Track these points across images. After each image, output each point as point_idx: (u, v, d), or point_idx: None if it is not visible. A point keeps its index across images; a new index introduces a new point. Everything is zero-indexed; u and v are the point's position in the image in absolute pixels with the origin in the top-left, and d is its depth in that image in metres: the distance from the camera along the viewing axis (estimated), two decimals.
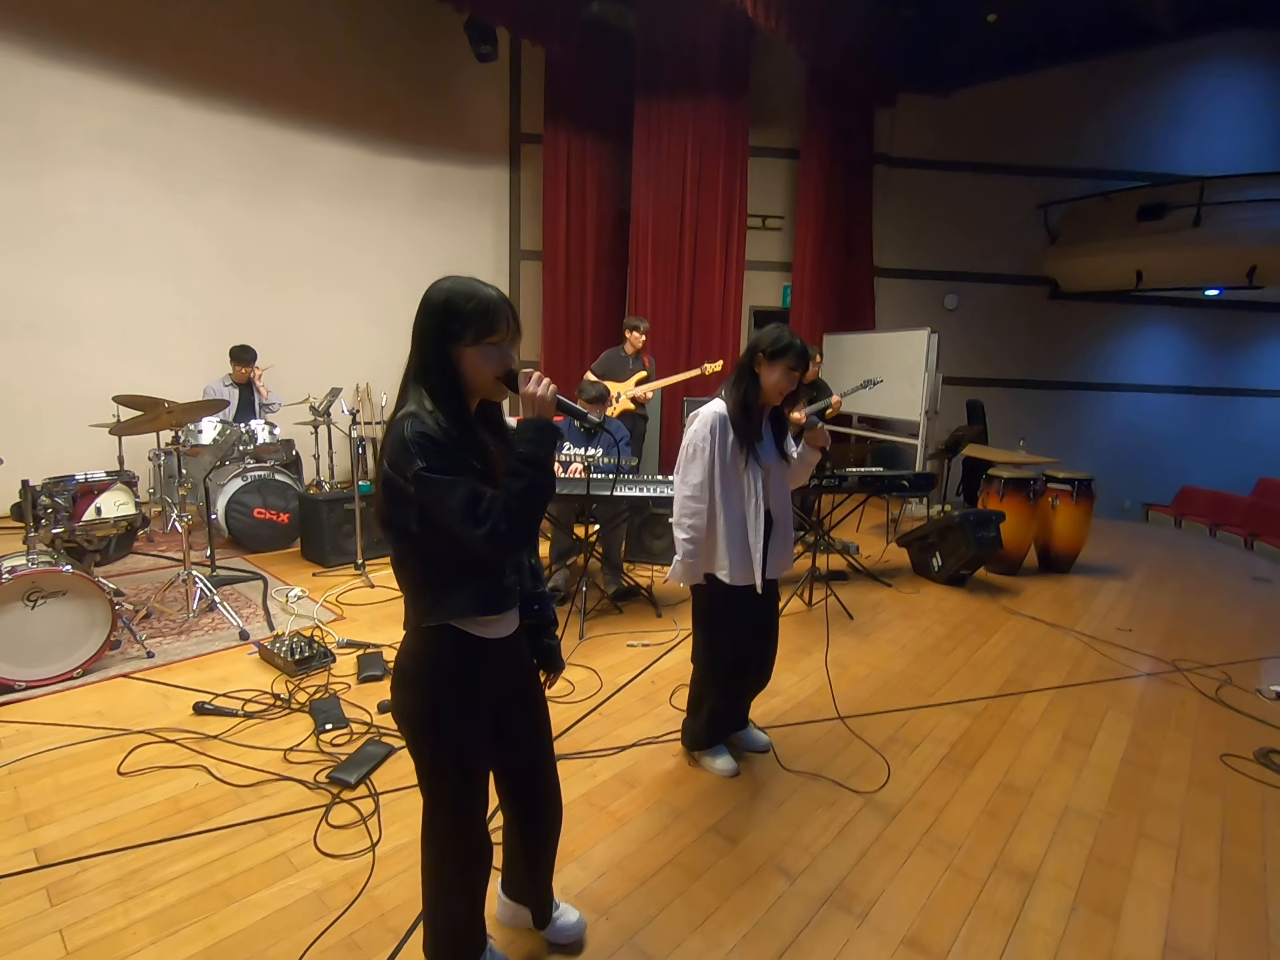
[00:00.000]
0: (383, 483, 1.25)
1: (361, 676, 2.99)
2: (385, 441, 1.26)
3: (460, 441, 1.23)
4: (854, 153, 7.66)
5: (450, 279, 1.31)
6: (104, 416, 4.63)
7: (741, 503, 2.22)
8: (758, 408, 2.22)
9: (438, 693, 1.33)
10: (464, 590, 1.29)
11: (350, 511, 4.49)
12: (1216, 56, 8.01)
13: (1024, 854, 2.09)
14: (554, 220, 7.41)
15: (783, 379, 2.14)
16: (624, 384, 5.27)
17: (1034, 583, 4.83)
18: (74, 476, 3.31)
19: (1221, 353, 8.75)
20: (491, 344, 1.27)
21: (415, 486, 1.20)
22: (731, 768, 2.43)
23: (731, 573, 2.21)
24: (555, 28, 6.44)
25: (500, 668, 1.40)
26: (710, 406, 2.24)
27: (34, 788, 2.21)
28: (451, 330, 1.25)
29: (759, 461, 2.21)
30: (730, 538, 2.20)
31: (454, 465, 1.20)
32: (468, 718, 1.35)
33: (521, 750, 1.52)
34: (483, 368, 1.27)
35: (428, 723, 1.34)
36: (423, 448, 1.18)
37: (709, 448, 2.18)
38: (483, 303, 1.26)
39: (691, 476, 2.20)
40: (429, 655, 1.33)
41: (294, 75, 6.40)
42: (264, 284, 6.47)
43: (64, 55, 5.32)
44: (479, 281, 1.30)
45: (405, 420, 1.21)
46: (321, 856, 1.95)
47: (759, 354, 2.16)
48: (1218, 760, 2.65)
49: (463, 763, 1.37)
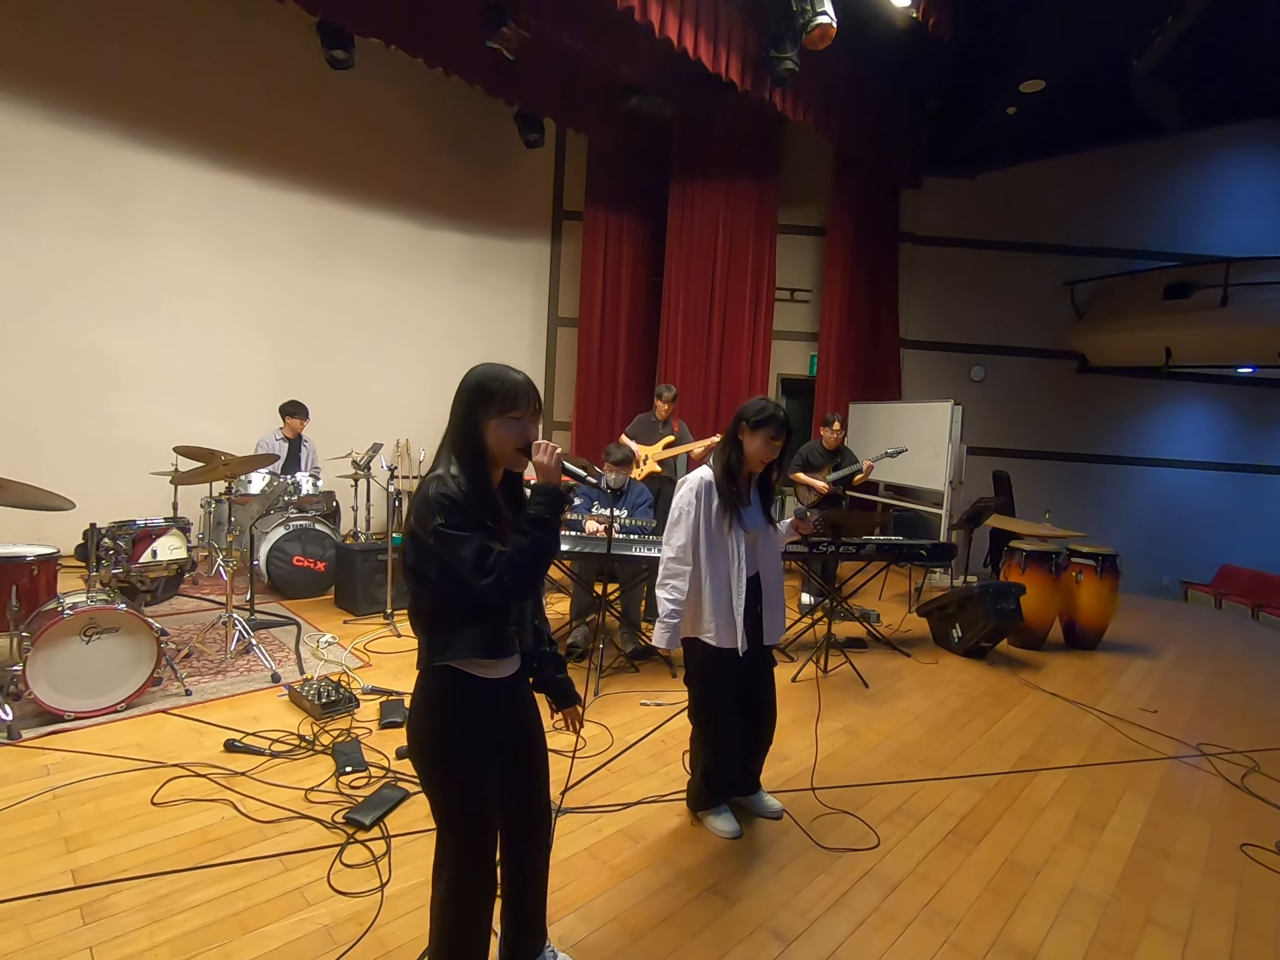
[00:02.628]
0: (409, 535, 1.45)
1: (383, 722, 3.11)
2: (414, 499, 1.46)
3: (477, 503, 1.41)
4: (880, 231, 7.99)
5: (484, 365, 1.52)
6: (164, 465, 4.97)
7: (727, 566, 2.31)
8: (742, 474, 2.34)
9: (446, 727, 1.48)
10: (471, 634, 1.46)
11: (383, 562, 4.69)
12: (1237, 143, 8.21)
13: (1025, 933, 2.08)
14: (590, 291, 7.83)
15: (764, 447, 2.26)
16: (652, 448, 5.47)
17: (1057, 658, 4.76)
18: (135, 521, 3.58)
19: (1258, 430, 8.63)
20: (513, 418, 1.46)
21: (434, 540, 1.38)
22: (733, 828, 2.46)
23: (718, 635, 2.30)
24: (597, 118, 6.99)
25: (501, 706, 1.55)
26: (697, 473, 2.37)
27: (76, 813, 2.36)
28: (480, 405, 1.46)
29: (743, 526, 2.30)
30: (715, 601, 2.30)
31: (468, 523, 1.38)
32: (473, 749, 1.49)
33: (517, 786, 1.62)
34: (504, 439, 1.47)
35: (437, 754, 1.48)
36: (443, 507, 1.37)
37: (693, 512, 2.30)
38: (508, 383, 1.47)
39: (675, 539, 2.31)
40: (438, 693, 1.49)
41: (355, 157, 7.03)
42: (317, 347, 6.94)
43: (154, 142, 5.95)
44: (510, 368, 1.51)
45: (431, 482, 1.42)
46: (333, 893, 2.04)
47: (743, 422, 2.29)
48: (1237, 849, 2.59)
49: (470, 793, 1.49)
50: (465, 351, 7.68)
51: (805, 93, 6.26)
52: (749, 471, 2.35)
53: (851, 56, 6.39)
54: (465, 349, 7.69)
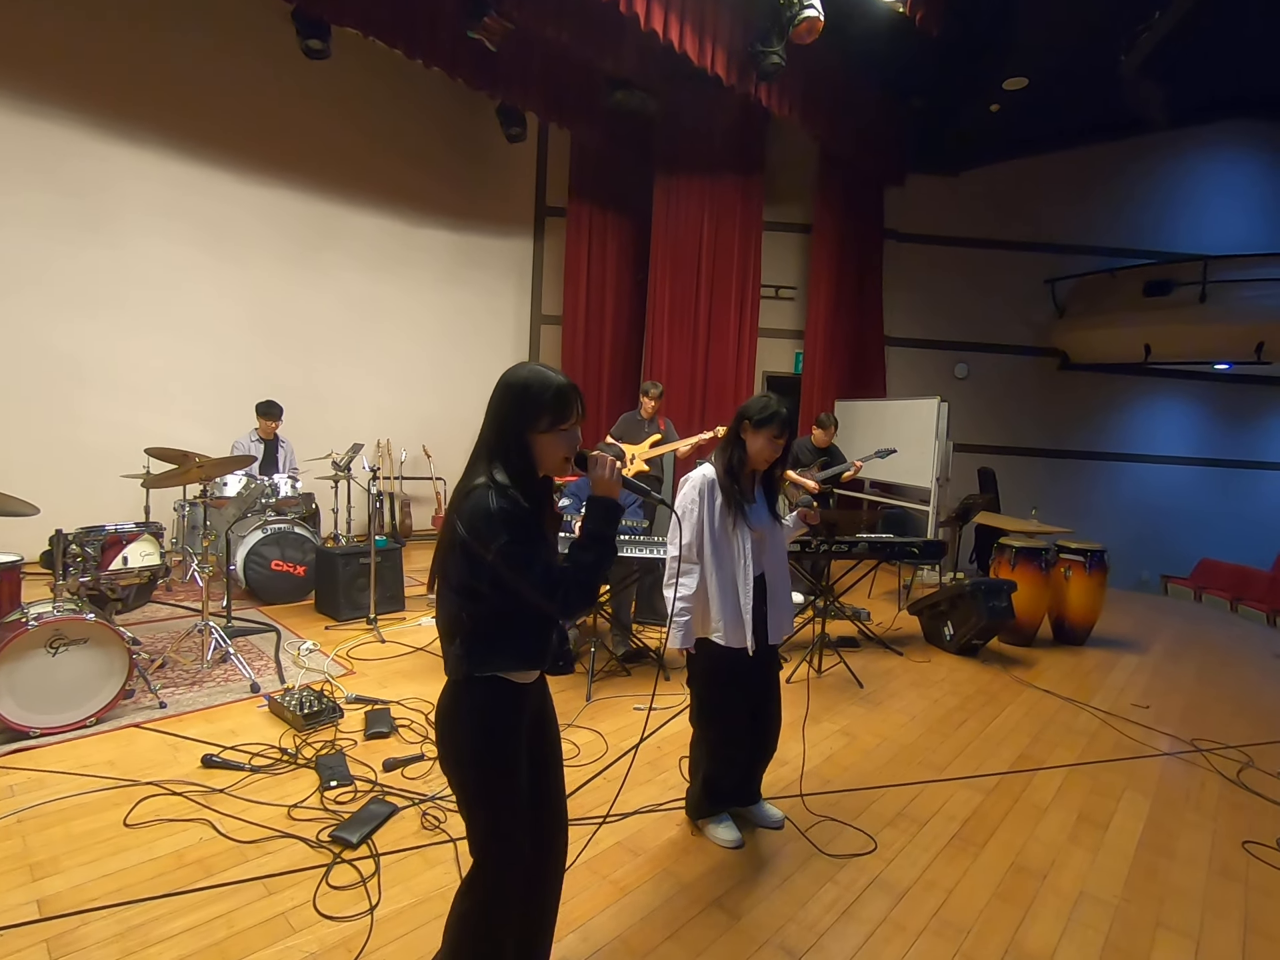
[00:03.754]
0: (459, 546, 1.34)
1: (368, 733, 3.00)
2: (462, 507, 1.34)
3: (532, 514, 1.35)
4: (865, 228, 7.97)
5: (525, 367, 1.43)
6: (135, 468, 4.79)
7: (732, 565, 2.27)
8: (745, 472, 2.29)
9: (489, 739, 1.42)
10: (516, 646, 1.42)
11: (365, 565, 4.56)
12: (1216, 142, 8.32)
13: (1036, 941, 2.03)
14: (574, 288, 7.72)
15: (766, 446, 2.22)
16: (639, 447, 5.38)
17: (1048, 654, 4.76)
18: (104, 527, 3.42)
19: (1235, 426, 8.76)
20: (563, 430, 1.40)
21: (498, 557, 1.30)
22: (734, 838, 2.39)
23: (726, 635, 2.25)
24: (581, 112, 6.88)
25: (531, 710, 1.51)
26: (700, 470, 2.32)
27: (42, 837, 2.22)
28: (530, 415, 1.38)
29: (748, 524, 2.26)
30: (722, 600, 2.25)
31: (530, 537, 1.33)
32: (510, 759, 1.44)
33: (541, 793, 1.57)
34: (554, 451, 1.41)
35: (482, 767, 1.42)
36: (508, 524, 1.29)
37: (697, 510, 2.25)
38: (559, 392, 1.39)
39: (683, 536, 2.26)
40: (483, 705, 1.42)
41: (336, 150, 6.87)
42: (297, 344, 6.76)
43: (130, 134, 5.75)
44: (549, 368, 1.43)
45: (485, 492, 1.31)
46: (320, 918, 1.94)
47: (745, 421, 2.24)
48: (1239, 847, 2.57)
49: (512, 807, 1.44)
50: (448, 350, 7.55)
51: (791, 89, 6.21)
52: (752, 470, 2.30)
53: (837, 53, 6.36)
54: (448, 347, 7.56)
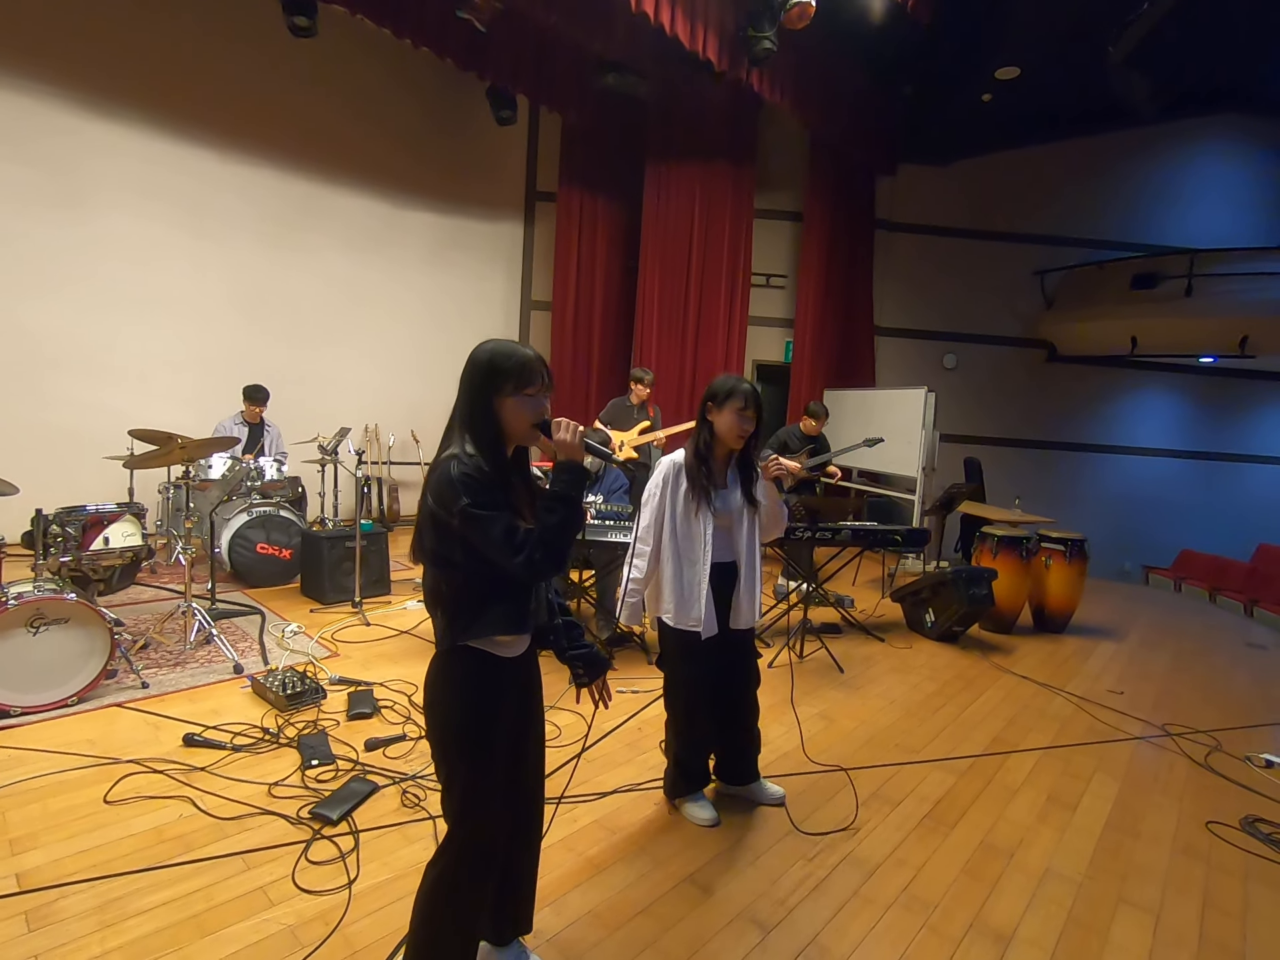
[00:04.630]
0: (430, 517, 1.39)
1: (351, 713, 3.02)
2: (430, 479, 1.40)
3: (497, 481, 1.38)
4: (855, 217, 7.97)
5: (493, 341, 1.48)
6: (119, 450, 4.77)
7: (691, 549, 2.32)
8: (716, 455, 2.32)
9: (470, 708, 1.45)
10: (493, 612, 1.43)
11: (351, 549, 4.56)
12: (1202, 136, 8.35)
13: (1001, 915, 2.08)
14: (564, 273, 7.69)
15: (734, 420, 2.24)
16: (628, 433, 5.40)
17: (1027, 642, 4.83)
18: (85, 507, 3.42)
19: (1219, 419, 8.85)
20: (528, 395, 1.43)
21: (460, 521, 1.34)
22: (711, 816, 2.43)
23: (675, 616, 2.31)
24: (572, 96, 6.83)
25: (516, 684, 1.54)
26: (669, 457, 2.38)
27: (21, 813, 2.24)
28: (494, 383, 1.41)
29: (712, 510, 2.29)
30: (675, 583, 2.31)
31: (493, 501, 1.35)
32: (493, 734, 1.47)
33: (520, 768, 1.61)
34: (519, 416, 1.43)
35: (461, 736, 1.45)
36: (468, 486, 1.33)
37: (659, 494, 2.34)
38: (521, 360, 1.43)
39: (641, 520, 2.36)
40: (463, 674, 1.46)
41: (322, 129, 6.78)
42: (281, 326, 6.71)
43: (107, 110, 5.66)
44: (517, 343, 1.48)
45: (449, 462, 1.36)
46: (298, 892, 1.96)
47: (709, 402, 2.30)
48: (1203, 827, 2.63)
49: (488, 778, 1.47)
50: (436, 334, 7.50)
51: (782, 75, 6.19)
52: (729, 450, 2.33)
53: (829, 39, 6.34)
54: (436, 331, 7.51)
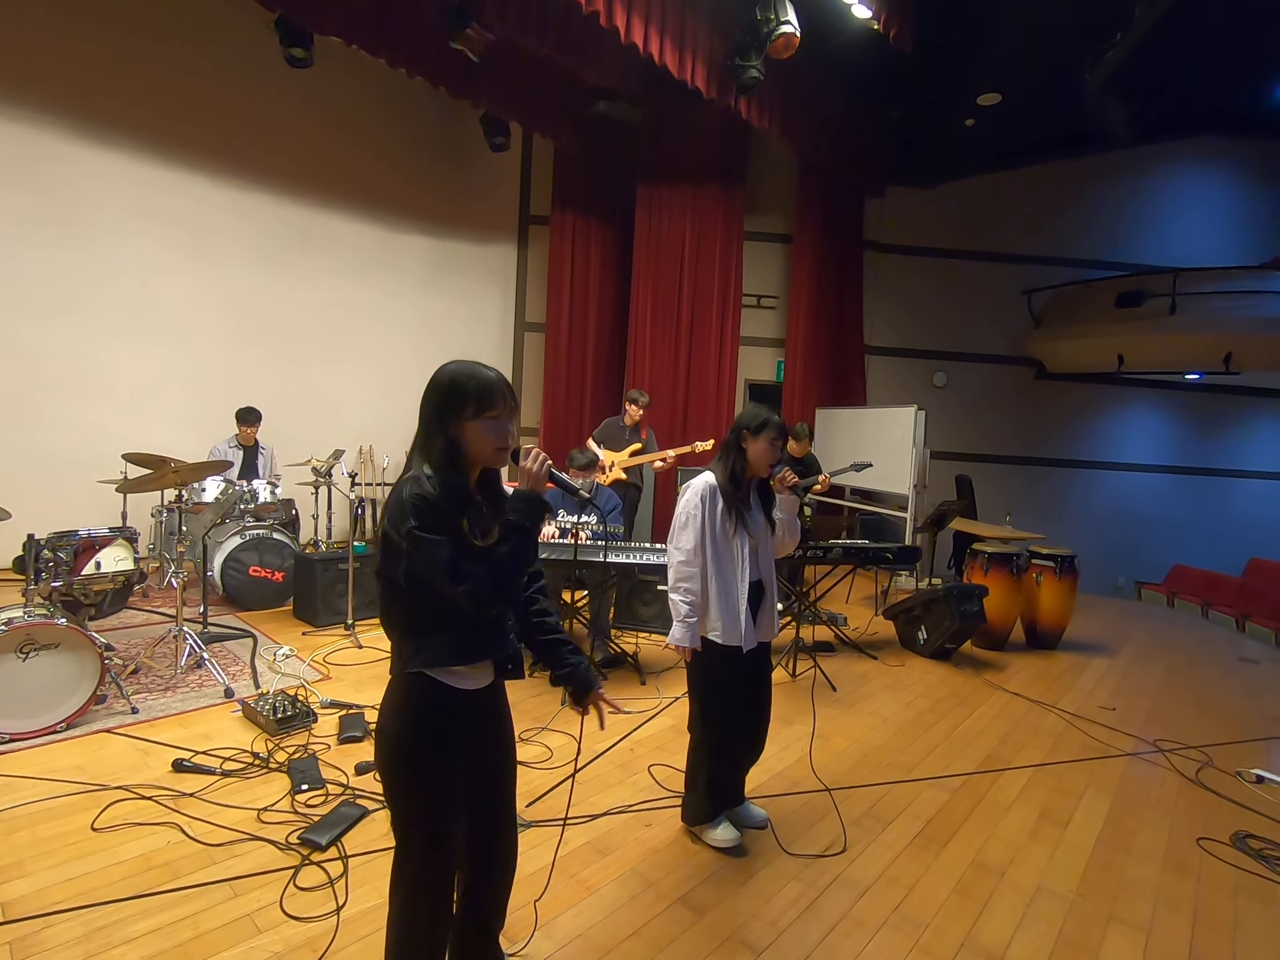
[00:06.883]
0: (381, 538, 1.40)
1: (342, 737, 3.01)
2: (388, 500, 1.40)
3: (452, 506, 1.35)
4: (845, 238, 8.10)
5: (455, 363, 1.45)
6: (113, 473, 4.77)
7: (731, 568, 2.37)
8: (745, 479, 2.41)
9: (412, 737, 1.42)
10: (441, 640, 1.41)
11: (344, 571, 4.56)
12: (1183, 157, 8.54)
13: (992, 934, 2.08)
14: (558, 295, 7.77)
15: (767, 449, 2.35)
16: (619, 454, 5.43)
17: (1019, 658, 4.84)
18: (78, 532, 3.41)
19: (1206, 435, 8.95)
20: (490, 418, 1.41)
21: (407, 543, 1.32)
22: (733, 836, 2.43)
23: (724, 633, 2.34)
24: (563, 122, 6.95)
25: (471, 719, 1.49)
26: (701, 478, 2.43)
27: (8, 841, 2.22)
28: (454, 406, 1.40)
29: (747, 530, 2.37)
30: (721, 601, 2.35)
31: (442, 526, 1.33)
32: (439, 764, 1.43)
33: (486, 800, 1.57)
34: (482, 439, 1.41)
35: (402, 763, 1.43)
36: (417, 509, 1.31)
37: (700, 515, 2.36)
38: (482, 382, 1.41)
39: (684, 542, 2.36)
40: (405, 700, 1.43)
41: (318, 155, 6.86)
42: (276, 349, 6.74)
43: (104, 136, 5.73)
44: (481, 364, 1.45)
45: (406, 484, 1.36)
46: (286, 919, 1.95)
47: (744, 430, 2.38)
48: (1193, 843, 2.64)
49: (432, 808, 1.44)
50: (431, 356, 7.40)
51: (770, 101, 6.31)
52: (751, 476, 2.42)
53: (815, 67, 6.48)
54: (431, 353, 7.46)
